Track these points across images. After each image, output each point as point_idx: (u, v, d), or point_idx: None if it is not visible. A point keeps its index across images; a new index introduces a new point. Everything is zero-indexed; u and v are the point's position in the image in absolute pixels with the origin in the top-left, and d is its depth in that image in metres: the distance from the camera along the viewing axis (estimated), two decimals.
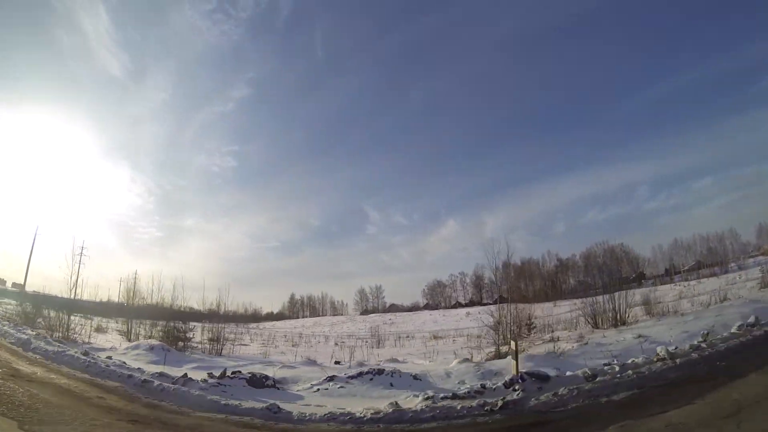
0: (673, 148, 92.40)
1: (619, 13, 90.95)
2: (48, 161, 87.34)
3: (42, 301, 21.19)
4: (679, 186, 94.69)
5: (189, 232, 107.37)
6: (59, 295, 21.39)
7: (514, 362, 9.90)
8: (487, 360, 13.72)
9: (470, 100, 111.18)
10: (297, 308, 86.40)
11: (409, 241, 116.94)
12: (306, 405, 9.27)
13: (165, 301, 21.01)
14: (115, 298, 29.40)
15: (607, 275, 71.81)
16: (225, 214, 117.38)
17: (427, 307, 76.11)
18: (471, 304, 74.11)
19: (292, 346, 24.94)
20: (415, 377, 11.46)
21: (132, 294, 22.71)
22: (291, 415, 8.16)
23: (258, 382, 11.14)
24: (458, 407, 7.90)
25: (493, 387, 8.83)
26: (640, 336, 13.00)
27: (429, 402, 8.33)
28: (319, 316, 75.69)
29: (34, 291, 29.64)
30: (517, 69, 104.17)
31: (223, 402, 8.72)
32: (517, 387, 8.40)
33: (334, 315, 75.33)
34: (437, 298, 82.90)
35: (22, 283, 37.29)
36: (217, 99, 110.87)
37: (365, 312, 75.77)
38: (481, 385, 9.12)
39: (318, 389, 11.04)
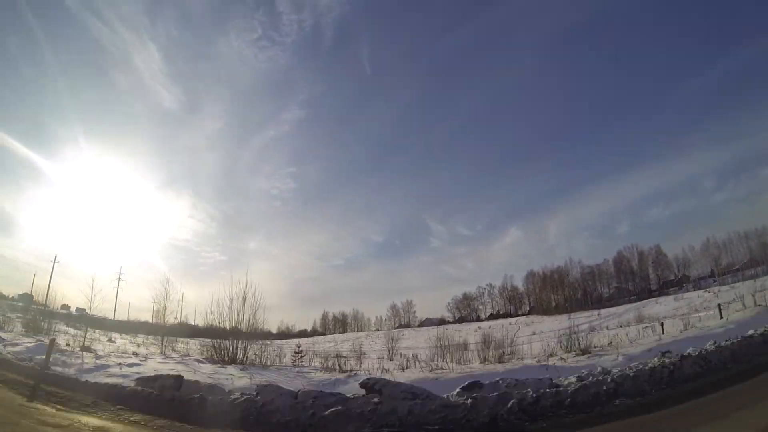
0: (736, 133, 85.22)
1: None
2: (113, 194, 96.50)
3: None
4: (747, 173, 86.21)
5: (252, 254, 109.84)
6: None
7: None
8: None
9: (523, 103, 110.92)
10: (329, 325, 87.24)
11: (473, 252, 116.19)
12: None
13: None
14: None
15: (640, 280, 68.49)
16: (287, 235, 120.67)
17: (454, 321, 75.39)
18: (493, 317, 72.81)
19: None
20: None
21: (163, 314, 22.15)
22: None
23: None
24: None
25: None
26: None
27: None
28: (348, 332, 76.10)
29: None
30: (570, 64, 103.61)
31: None
32: None
33: (359, 331, 75.48)
34: (464, 311, 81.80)
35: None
36: (271, 123, 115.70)
37: (399, 327, 75.69)
38: None
39: None
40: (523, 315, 68.47)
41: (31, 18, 75.91)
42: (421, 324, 75.47)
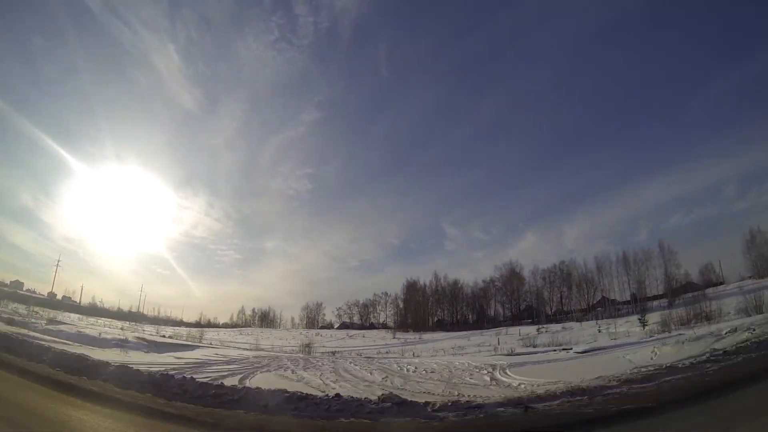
0: (760, 139, 78.48)
1: None
2: (132, 191, 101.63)
3: None
4: None
5: (269, 254, 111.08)
6: None
7: None
8: None
9: (542, 108, 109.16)
10: (248, 320, 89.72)
11: (489, 256, 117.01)
12: None
13: None
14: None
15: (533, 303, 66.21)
16: (304, 236, 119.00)
17: (344, 326, 79.06)
18: (366, 327, 75.78)
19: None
20: None
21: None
22: None
23: None
24: None
25: None
26: None
27: None
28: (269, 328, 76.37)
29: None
30: (590, 69, 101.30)
31: None
32: None
33: (266, 328, 75.30)
34: (366, 318, 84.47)
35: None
36: (289, 124, 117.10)
37: (309, 327, 77.74)
38: None
39: None
40: (383, 328, 69.77)
41: (54, 19, 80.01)
42: (340, 327, 78.80)
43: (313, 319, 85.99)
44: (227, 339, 41.82)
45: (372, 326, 77.68)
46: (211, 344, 31.81)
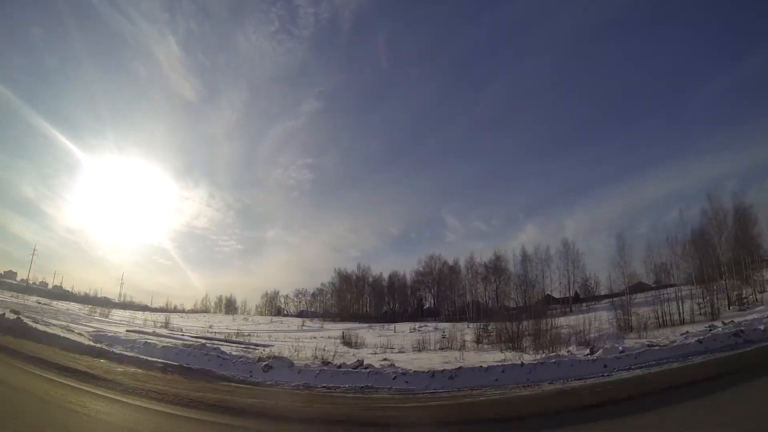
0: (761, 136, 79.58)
1: None
2: (133, 182, 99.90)
3: None
4: None
5: (270, 244, 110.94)
6: None
7: None
8: None
9: (542, 100, 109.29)
10: (210, 307, 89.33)
11: (489, 248, 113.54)
12: None
13: None
14: None
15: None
16: (304, 226, 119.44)
17: (300, 315, 76.17)
18: (305, 315, 72.26)
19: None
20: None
21: None
22: None
23: None
24: None
25: None
26: None
27: None
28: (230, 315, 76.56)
29: None
30: (591, 63, 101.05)
31: None
32: None
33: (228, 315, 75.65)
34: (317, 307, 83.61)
35: None
36: (289, 114, 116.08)
37: (267, 314, 77.73)
38: None
39: None
40: (317, 317, 67.87)
41: (54, 10, 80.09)
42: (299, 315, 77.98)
43: (272, 307, 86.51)
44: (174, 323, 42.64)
45: (303, 314, 75.66)
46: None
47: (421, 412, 7.82)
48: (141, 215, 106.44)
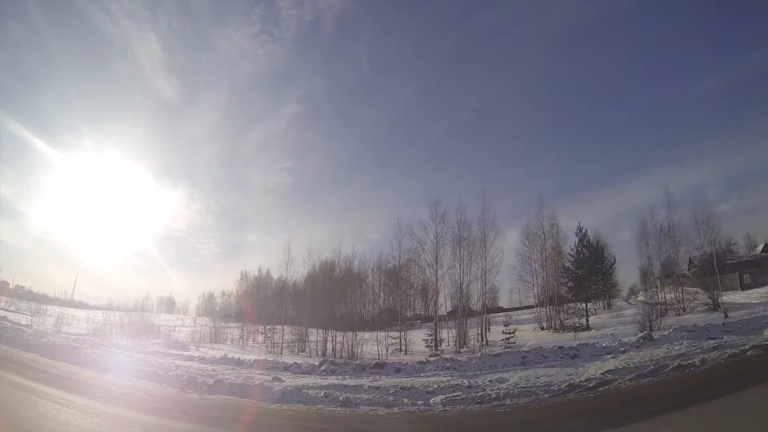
0: (744, 143, 76.67)
1: None
2: (110, 182, 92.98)
3: None
4: (752, 185, 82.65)
5: (249, 247, 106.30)
6: None
7: None
8: None
9: (527, 103, 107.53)
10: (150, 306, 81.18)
11: (471, 255, 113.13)
12: None
13: None
14: None
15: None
16: (285, 229, 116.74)
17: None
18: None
19: None
20: None
21: None
22: None
23: None
24: None
25: None
26: None
27: None
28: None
29: None
30: (576, 65, 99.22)
31: None
32: None
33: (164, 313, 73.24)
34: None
35: None
36: (270, 117, 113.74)
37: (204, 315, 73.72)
38: None
39: None
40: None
41: (34, 5, 73.63)
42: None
43: (209, 307, 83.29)
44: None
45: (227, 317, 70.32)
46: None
47: None
48: (118, 217, 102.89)
